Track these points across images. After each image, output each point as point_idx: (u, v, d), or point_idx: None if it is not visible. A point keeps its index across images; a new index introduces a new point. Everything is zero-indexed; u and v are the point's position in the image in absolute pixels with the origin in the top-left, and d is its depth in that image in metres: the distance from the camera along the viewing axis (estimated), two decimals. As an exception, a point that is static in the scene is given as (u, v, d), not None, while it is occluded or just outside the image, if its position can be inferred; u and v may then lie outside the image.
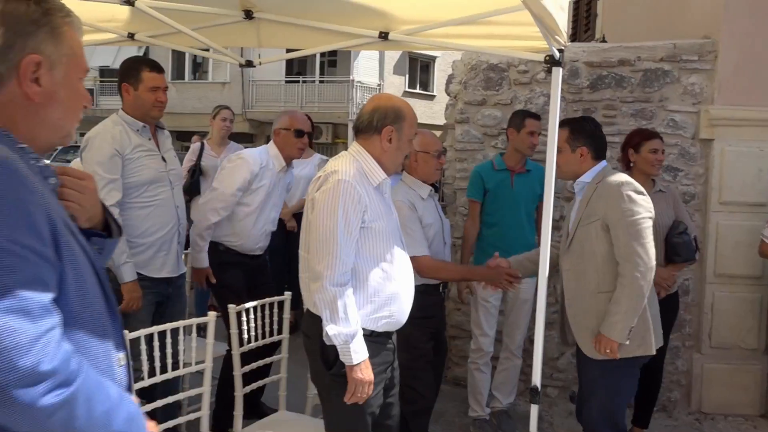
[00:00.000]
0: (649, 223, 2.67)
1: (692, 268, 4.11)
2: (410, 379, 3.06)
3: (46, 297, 0.98)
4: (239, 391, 2.66)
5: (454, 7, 2.82)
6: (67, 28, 1.17)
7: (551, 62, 2.58)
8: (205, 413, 2.57)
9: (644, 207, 2.67)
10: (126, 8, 3.07)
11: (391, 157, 2.36)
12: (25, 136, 1.11)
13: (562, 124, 2.82)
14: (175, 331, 2.45)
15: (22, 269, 0.95)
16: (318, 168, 5.40)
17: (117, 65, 16.41)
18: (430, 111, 20.76)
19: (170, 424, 2.50)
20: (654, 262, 2.64)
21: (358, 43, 3.16)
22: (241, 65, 3.72)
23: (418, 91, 22.91)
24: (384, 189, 2.38)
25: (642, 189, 2.73)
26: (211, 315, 2.59)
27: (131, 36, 3.53)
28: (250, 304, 2.75)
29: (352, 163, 2.29)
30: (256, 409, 3.48)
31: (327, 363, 2.26)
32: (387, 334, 2.38)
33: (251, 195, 3.41)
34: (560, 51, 2.56)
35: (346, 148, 2.75)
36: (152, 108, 2.98)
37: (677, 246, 3.38)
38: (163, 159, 3.05)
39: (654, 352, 2.75)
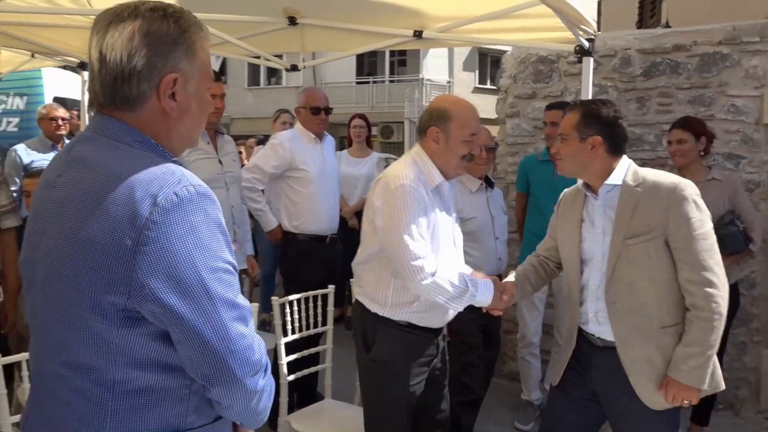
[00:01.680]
0: (713, 235, 2.11)
1: (759, 260, 3.92)
2: (460, 372, 3.12)
3: (247, 303, 1.17)
4: (284, 379, 2.80)
5: (486, 2, 2.85)
6: (200, 44, 1.21)
7: (581, 52, 2.57)
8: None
9: (708, 215, 2.12)
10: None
11: (440, 159, 2.33)
12: (165, 145, 1.19)
13: (573, 106, 2.30)
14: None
15: (234, 283, 1.14)
16: (377, 167, 5.54)
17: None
18: (502, 106, 20.46)
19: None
20: (726, 284, 2.10)
21: (395, 43, 3.25)
22: (286, 69, 3.89)
23: (488, 86, 22.66)
24: (442, 191, 2.38)
25: (699, 192, 2.18)
26: (254, 306, 2.74)
27: (189, 47, 3.76)
28: (293, 297, 2.89)
29: (411, 166, 2.31)
30: (311, 399, 3.64)
31: (366, 346, 2.38)
32: (428, 329, 2.41)
33: (301, 175, 3.63)
34: (590, 41, 2.54)
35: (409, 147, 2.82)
36: (211, 114, 3.19)
37: (723, 238, 3.25)
38: (220, 162, 3.25)
39: (723, 387, 2.19)
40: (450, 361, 2.59)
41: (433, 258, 2.19)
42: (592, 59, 2.60)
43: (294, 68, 3.84)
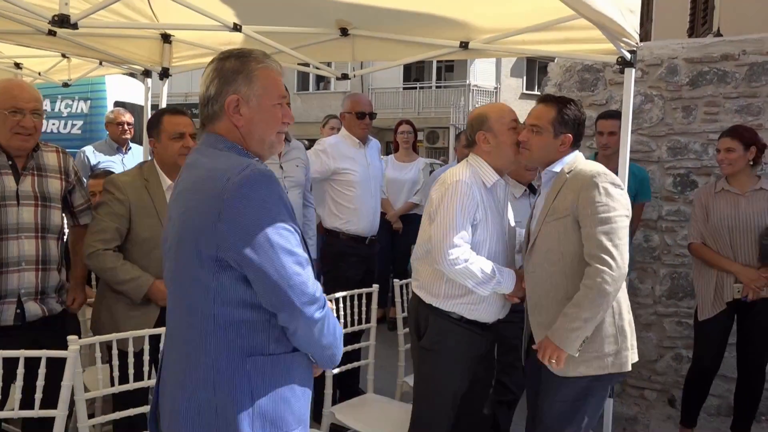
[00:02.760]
0: (625, 222, 2.28)
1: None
2: (499, 372, 3.21)
3: (305, 254, 1.52)
4: (328, 372, 2.95)
5: (531, 14, 2.95)
6: (259, 72, 1.60)
7: (623, 63, 2.64)
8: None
9: (621, 203, 2.29)
10: (240, 33, 3.49)
11: (496, 156, 2.53)
12: (250, 150, 1.60)
13: (546, 100, 2.46)
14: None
15: (290, 237, 1.49)
16: (422, 172, 5.68)
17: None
18: (549, 112, 20.28)
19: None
20: (626, 269, 2.25)
21: (441, 53, 3.37)
22: (337, 78, 4.06)
23: (536, 92, 22.50)
24: (498, 191, 2.56)
25: (620, 182, 2.36)
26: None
27: (245, 56, 3.97)
28: (339, 294, 3.04)
29: (468, 168, 2.53)
30: (353, 395, 3.78)
31: (419, 335, 2.55)
32: (479, 324, 2.55)
33: (345, 178, 3.80)
34: (632, 52, 2.61)
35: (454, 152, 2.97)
36: None
37: (763, 248, 3.26)
38: (281, 167, 3.44)
39: (629, 369, 2.34)
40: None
41: (467, 247, 2.39)
42: (633, 70, 2.66)
43: (344, 77, 4.01)
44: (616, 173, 3.73)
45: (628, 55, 2.60)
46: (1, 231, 2.46)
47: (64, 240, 2.82)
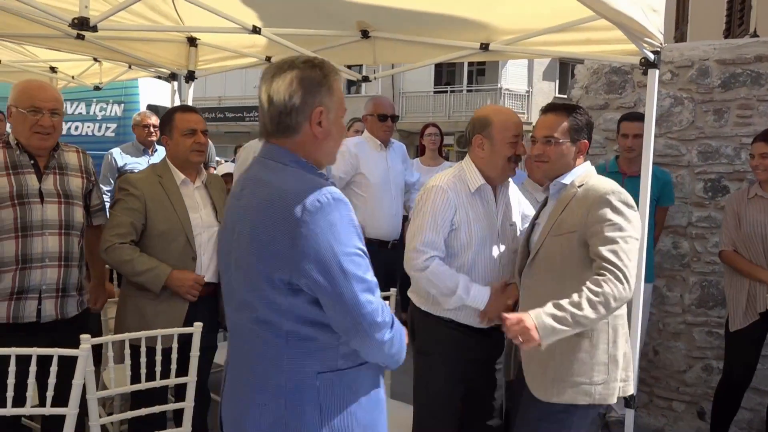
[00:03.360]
0: (635, 246, 2.12)
1: None
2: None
3: (374, 278, 1.55)
4: None
5: (552, 15, 2.89)
6: (336, 84, 1.63)
7: (647, 64, 2.57)
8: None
9: (634, 225, 2.13)
10: (260, 35, 3.51)
11: (486, 163, 2.49)
12: (314, 161, 1.61)
13: (554, 109, 2.34)
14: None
15: (362, 264, 1.52)
16: (446, 176, 5.65)
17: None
18: (582, 116, 20.03)
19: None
20: (631, 294, 2.04)
21: (462, 55, 3.33)
22: (358, 80, 4.05)
23: (569, 96, 22.23)
24: (485, 194, 2.52)
25: (633, 203, 2.18)
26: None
27: (268, 59, 4.00)
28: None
29: (453, 173, 2.53)
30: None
31: (412, 335, 2.56)
32: (472, 328, 2.51)
33: (363, 180, 3.82)
34: (655, 53, 2.54)
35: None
36: None
37: None
38: None
39: (614, 401, 2.19)
40: (513, 366, 2.64)
41: (433, 254, 2.39)
42: (657, 71, 2.58)
43: (365, 79, 3.99)
44: (639, 176, 3.66)
45: (652, 56, 2.52)
46: (26, 227, 2.51)
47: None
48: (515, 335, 1.94)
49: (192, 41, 4.12)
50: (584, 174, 2.28)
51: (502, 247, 2.54)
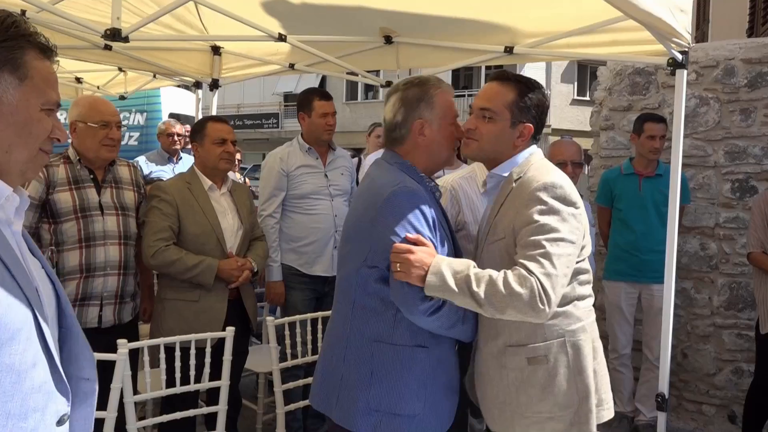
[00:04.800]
0: (569, 251, 1.69)
1: None
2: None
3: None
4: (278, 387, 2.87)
5: (577, 17, 2.88)
6: (438, 97, 1.86)
7: (674, 65, 2.55)
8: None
9: (570, 225, 1.71)
10: (285, 43, 3.55)
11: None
12: (422, 167, 1.87)
13: (503, 78, 1.90)
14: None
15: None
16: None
17: (298, 91, 17.78)
18: (601, 118, 19.89)
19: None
20: (554, 308, 1.65)
21: (486, 59, 3.34)
22: (381, 86, 4.07)
23: (588, 98, 22.09)
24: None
25: (576, 199, 1.76)
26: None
27: (292, 66, 4.04)
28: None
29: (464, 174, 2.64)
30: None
31: None
32: None
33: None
34: (683, 53, 2.52)
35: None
36: (323, 132, 3.45)
37: None
38: (326, 176, 3.47)
39: (593, 430, 1.81)
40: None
41: None
42: (685, 72, 2.57)
43: (389, 84, 4.00)
44: (663, 175, 3.62)
45: (680, 56, 2.51)
46: (89, 239, 2.64)
47: None
48: (394, 262, 1.69)
49: (216, 50, 4.18)
50: (524, 163, 1.86)
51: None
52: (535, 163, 1.85)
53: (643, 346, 3.87)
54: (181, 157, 5.21)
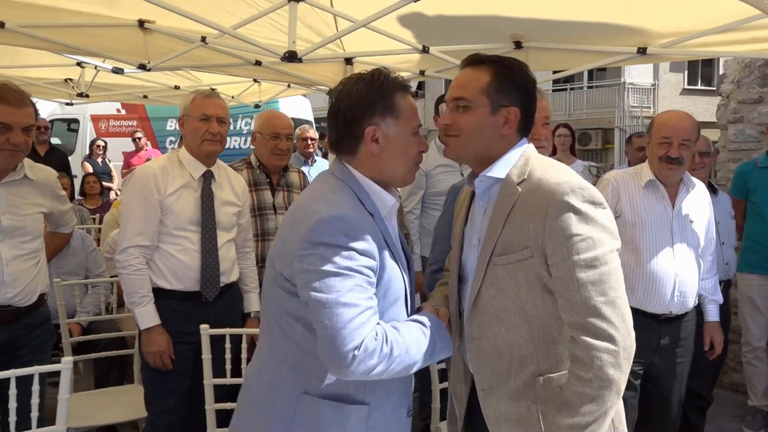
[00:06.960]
0: (616, 261, 1.46)
1: None
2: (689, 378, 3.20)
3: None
4: (435, 386, 2.62)
5: (713, 16, 2.94)
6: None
7: (819, 60, 2.58)
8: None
9: (609, 231, 1.47)
10: (428, 54, 3.78)
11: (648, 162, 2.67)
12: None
13: (475, 61, 1.60)
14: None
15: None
16: (581, 175, 5.68)
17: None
18: (714, 108, 18.90)
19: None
20: (633, 334, 1.43)
21: (618, 60, 3.44)
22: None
23: (699, 87, 21.02)
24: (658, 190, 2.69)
25: (601, 198, 1.48)
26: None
27: (422, 73, 4.31)
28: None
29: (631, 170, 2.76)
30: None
31: None
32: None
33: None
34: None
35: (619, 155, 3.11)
36: None
37: None
38: (461, 174, 3.72)
39: None
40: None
41: None
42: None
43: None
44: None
45: (825, 51, 2.54)
46: (264, 234, 3.07)
47: None
48: None
49: (348, 60, 4.52)
50: (522, 161, 1.57)
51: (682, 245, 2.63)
52: (535, 162, 1.57)
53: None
54: (315, 160, 5.63)
